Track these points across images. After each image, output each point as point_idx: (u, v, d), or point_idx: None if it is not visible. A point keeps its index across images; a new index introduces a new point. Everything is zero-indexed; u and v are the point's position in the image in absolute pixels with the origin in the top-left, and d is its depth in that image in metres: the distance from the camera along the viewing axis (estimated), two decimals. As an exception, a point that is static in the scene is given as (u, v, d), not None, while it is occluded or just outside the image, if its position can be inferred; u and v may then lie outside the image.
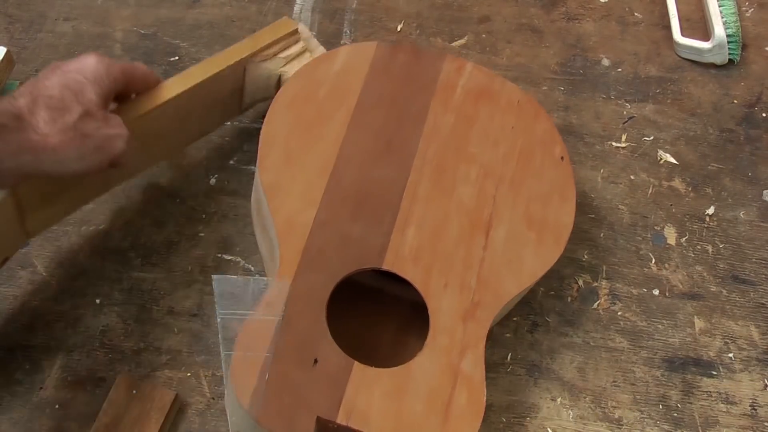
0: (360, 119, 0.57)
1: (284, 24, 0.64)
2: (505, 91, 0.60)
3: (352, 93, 0.58)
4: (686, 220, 0.66)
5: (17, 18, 0.78)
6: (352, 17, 0.79)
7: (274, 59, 0.62)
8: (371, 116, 0.57)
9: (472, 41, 0.78)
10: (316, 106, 0.57)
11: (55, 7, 0.79)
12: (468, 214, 0.54)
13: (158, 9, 0.79)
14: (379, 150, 0.56)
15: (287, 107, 0.56)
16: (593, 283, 0.63)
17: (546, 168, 0.57)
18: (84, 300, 0.60)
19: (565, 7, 0.80)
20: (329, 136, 0.56)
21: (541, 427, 0.57)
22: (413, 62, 0.60)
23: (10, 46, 0.71)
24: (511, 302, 0.55)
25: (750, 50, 0.77)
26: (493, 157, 0.57)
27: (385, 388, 0.48)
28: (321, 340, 0.49)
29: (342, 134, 0.56)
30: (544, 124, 0.58)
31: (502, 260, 0.53)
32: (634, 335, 0.61)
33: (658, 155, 0.70)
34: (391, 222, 0.53)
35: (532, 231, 0.54)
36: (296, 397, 0.47)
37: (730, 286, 0.63)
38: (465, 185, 0.55)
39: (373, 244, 0.52)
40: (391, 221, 0.53)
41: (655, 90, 0.74)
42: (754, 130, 0.72)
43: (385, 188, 0.55)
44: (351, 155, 0.55)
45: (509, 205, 0.55)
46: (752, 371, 0.59)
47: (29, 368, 0.57)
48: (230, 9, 0.79)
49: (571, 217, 0.55)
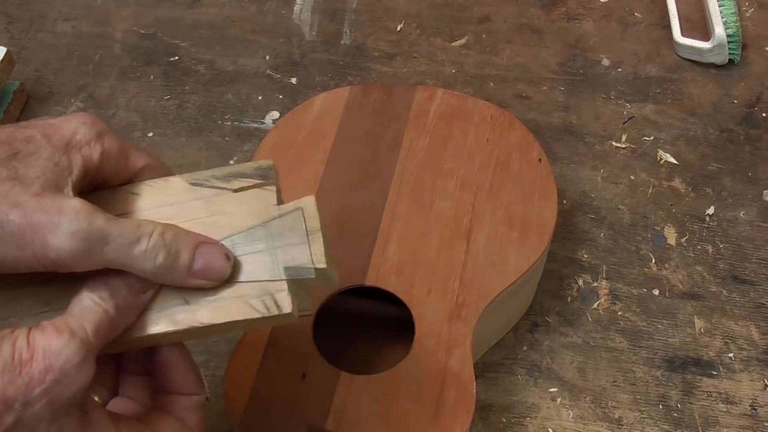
0: (337, 156, 0.59)
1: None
2: (478, 108, 0.61)
3: (329, 134, 0.60)
4: (686, 220, 0.66)
5: (17, 18, 0.78)
6: (352, 17, 0.79)
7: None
8: (348, 152, 0.59)
9: (472, 41, 0.78)
10: (295, 151, 0.59)
11: (55, 7, 0.79)
12: (448, 225, 0.55)
13: (158, 9, 0.79)
14: (356, 180, 0.58)
15: (268, 156, 0.58)
16: (593, 283, 0.63)
17: (524, 171, 0.58)
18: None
19: (565, 7, 0.80)
20: (308, 176, 0.58)
21: (541, 427, 0.57)
22: (385, 98, 0.62)
23: (10, 46, 0.71)
24: (508, 300, 0.56)
25: (750, 50, 0.77)
26: (469, 169, 0.58)
27: (373, 394, 0.49)
28: (308, 356, 0.50)
29: (320, 172, 0.58)
30: (519, 131, 0.60)
31: (485, 261, 0.54)
32: (634, 335, 0.61)
33: (658, 155, 0.70)
34: (372, 242, 0.55)
35: (514, 230, 0.55)
36: (285, 410, 0.48)
37: (730, 286, 0.63)
38: (443, 199, 0.57)
39: (355, 265, 0.54)
40: (372, 241, 0.55)
41: (655, 90, 0.74)
42: (754, 130, 0.72)
43: (365, 213, 0.56)
44: (330, 189, 0.57)
45: (489, 210, 0.56)
46: (752, 371, 0.59)
47: (29, 368, 0.57)
48: (230, 9, 0.79)
49: (553, 212, 0.56)
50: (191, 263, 0.36)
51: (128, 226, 0.35)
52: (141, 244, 0.34)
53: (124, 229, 0.34)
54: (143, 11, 0.79)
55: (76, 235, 0.33)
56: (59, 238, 0.33)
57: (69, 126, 0.36)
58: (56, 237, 0.33)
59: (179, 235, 0.36)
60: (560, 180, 0.68)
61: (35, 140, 0.35)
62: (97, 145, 0.37)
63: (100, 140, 0.37)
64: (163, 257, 0.35)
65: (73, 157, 0.36)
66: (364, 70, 0.76)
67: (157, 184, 0.39)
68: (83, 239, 0.33)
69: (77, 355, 0.32)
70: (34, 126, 0.36)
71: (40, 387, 0.31)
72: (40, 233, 0.33)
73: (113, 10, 0.79)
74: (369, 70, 0.76)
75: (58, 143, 0.35)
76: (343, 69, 0.76)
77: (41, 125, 0.36)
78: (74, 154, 0.36)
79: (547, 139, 0.70)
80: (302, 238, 0.38)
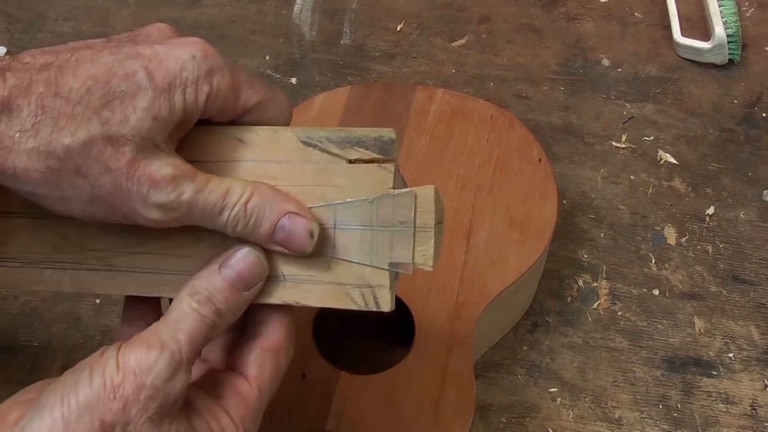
0: None
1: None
2: (478, 108, 0.61)
3: None
4: (686, 220, 0.66)
5: (17, 18, 0.78)
6: (352, 17, 0.79)
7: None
8: None
9: (472, 41, 0.78)
10: None
11: (55, 7, 0.79)
12: (448, 224, 0.55)
13: (158, 9, 0.79)
14: None
15: None
16: (593, 283, 0.63)
17: (524, 171, 0.58)
18: (84, 300, 0.60)
19: (565, 7, 0.80)
20: None
21: (541, 427, 0.57)
22: (385, 98, 0.62)
23: (10, 46, 0.71)
24: (508, 300, 0.56)
25: (750, 50, 0.77)
26: (469, 169, 0.58)
27: (373, 394, 0.49)
28: (308, 356, 0.50)
29: None
30: (519, 131, 0.60)
31: (486, 261, 0.54)
32: (634, 335, 0.61)
33: (658, 155, 0.70)
34: None
35: (514, 230, 0.55)
36: (285, 410, 0.48)
37: (730, 286, 0.63)
38: (443, 198, 0.56)
39: None
40: None
41: (655, 90, 0.74)
42: (754, 130, 0.72)
43: None
44: None
45: (489, 209, 0.56)
46: (752, 371, 0.59)
47: (29, 368, 0.57)
48: (230, 9, 0.79)
49: (553, 212, 0.56)
50: (271, 233, 0.35)
51: (215, 195, 0.34)
52: (223, 215, 0.34)
53: (210, 198, 0.34)
54: (143, 11, 0.79)
55: (164, 207, 0.33)
56: (147, 208, 0.33)
57: (177, 57, 0.33)
58: (144, 207, 0.33)
59: (265, 202, 0.35)
60: (560, 180, 0.68)
61: (136, 79, 0.32)
62: (204, 85, 0.34)
63: (210, 79, 0.34)
64: (242, 227, 0.34)
65: (175, 100, 0.33)
66: (364, 70, 0.76)
67: (265, 134, 0.36)
68: (170, 210, 0.33)
69: (167, 370, 0.32)
70: (138, 54, 0.33)
71: (136, 406, 0.31)
72: (129, 200, 0.33)
73: (113, 10, 0.79)
74: (369, 70, 0.76)
75: (161, 82, 0.33)
76: (343, 69, 0.76)
77: (146, 55, 0.33)
78: (176, 97, 0.33)
79: (547, 139, 0.70)
80: (408, 232, 0.35)
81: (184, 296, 0.34)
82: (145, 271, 0.38)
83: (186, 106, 0.33)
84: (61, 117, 0.31)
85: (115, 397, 0.31)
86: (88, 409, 0.31)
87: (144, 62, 0.33)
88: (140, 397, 0.31)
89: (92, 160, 0.32)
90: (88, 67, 0.32)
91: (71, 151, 0.31)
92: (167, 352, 0.32)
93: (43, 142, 0.31)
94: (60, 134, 0.31)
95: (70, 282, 0.38)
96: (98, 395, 0.31)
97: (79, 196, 0.33)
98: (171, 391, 0.32)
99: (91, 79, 0.32)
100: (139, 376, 0.32)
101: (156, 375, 0.32)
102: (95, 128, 0.32)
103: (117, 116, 0.32)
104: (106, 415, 0.31)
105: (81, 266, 0.38)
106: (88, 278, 0.38)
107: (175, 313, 0.34)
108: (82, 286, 0.38)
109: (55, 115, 0.31)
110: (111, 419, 0.31)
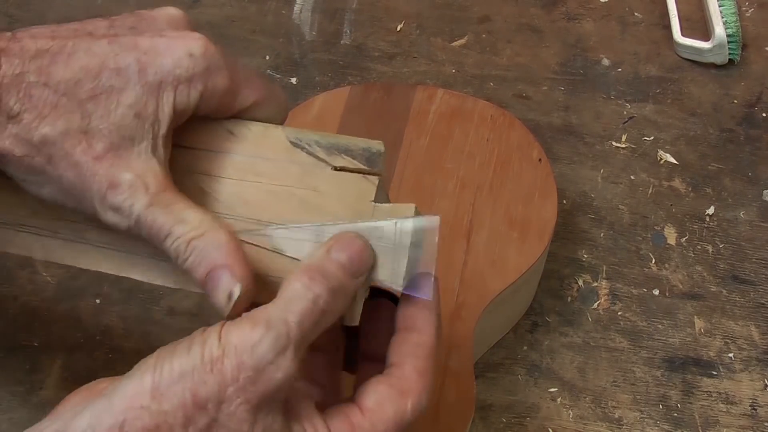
0: None
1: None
2: (478, 108, 0.61)
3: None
4: (686, 220, 0.66)
5: (17, 18, 0.78)
6: (352, 17, 0.79)
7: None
8: None
9: (472, 41, 0.78)
10: None
11: (55, 7, 0.79)
12: (448, 224, 0.56)
13: (158, 9, 0.79)
14: None
15: None
16: (593, 283, 0.63)
17: (524, 171, 0.58)
18: (84, 300, 0.60)
19: (565, 7, 0.80)
20: None
21: (541, 427, 0.57)
22: (385, 98, 0.62)
23: (10, 46, 0.71)
24: (508, 300, 0.56)
25: (750, 50, 0.77)
26: (470, 169, 0.58)
27: None
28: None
29: None
30: (519, 131, 0.60)
31: (485, 261, 0.54)
32: (634, 335, 0.61)
33: (658, 155, 0.70)
34: None
35: (514, 230, 0.55)
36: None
37: (730, 286, 0.63)
38: (443, 198, 0.57)
39: None
40: None
41: (655, 90, 0.74)
42: (754, 130, 0.72)
43: None
44: None
45: (489, 209, 0.56)
46: (752, 371, 0.59)
47: (29, 368, 0.57)
48: (230, 9, 0.79)
49: (553, 212, 0.56)
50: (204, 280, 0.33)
51: (165, 218, 0.32)
52: (167, 241, 0.33)
53: (159, 219, 0.32)
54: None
55: (117, 211, 0.32)
56: (104, 209, 0.32)
57: (174, 53, 0.32)
58: (101, 207, 0.32)
59: (209, 248, 0.32)
60: (560, 180, 0.68)
61: (126, 73, 0.32)
62: (198, 83, 0.33)
63: (205, 78, 0.33)
64: (181, 261, 0.33)
65: (163, 99, 0.32)
66: (364, 70, 0.76)
67: (256, 130, 0.36)
68: (123, 216, 0.32)
69: (271, 352, 0.29)
70: (135, 45, 0.32)
71: (234, 386, 0.29)
72: (89, 199, 0.32)
73: (113, 11, 0.78)
74: (369, 70, 0.76)
75: (152, 78, 0.32)
76: (343, 69, 0.76)
77: (143, 47, 0.32)
78: (165, 95, 0.32)
79: (547, 139, 0.70)
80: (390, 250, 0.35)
81: (296, 277, 0.32)
82: (118, 250, 0.37)
83: (176, 104, 0.33)
84: (46, 107, 0.31)
85: (212, 370, 0.29)
86: (182, 378, 0.29)
87: (138, 55, 0.32)
88: (239, 377, 0.29)
89: (64, 151, 0.32)
90: (81, 57, 0.32)
91: (47, 141, 0.32)
92: (273, 332, 0.30)
93: (23, 130, 0.31)
94: (41, 123, 0.31)
95: (42, 249, 0.38)
96: (194, 366, 0.29)
97: (50, 184, 0.33)
98: (273, 378, 0.29)
99: (82, 71, 0.32)
100: (239, 354, 0.29)
101: (259, 356, 0.29)
102: (75, 121, 0.32)
103: (99, 111, 0.32)
104: (200, 387, 0.29)
105: (55, 235, 0.38)
106: (60, 248, 0.38)
107: (287, 292, 0.31)
108: (53, 255, 0.38)
109: (40, 105, 0.31)
110: (205, 393, 0.29)
